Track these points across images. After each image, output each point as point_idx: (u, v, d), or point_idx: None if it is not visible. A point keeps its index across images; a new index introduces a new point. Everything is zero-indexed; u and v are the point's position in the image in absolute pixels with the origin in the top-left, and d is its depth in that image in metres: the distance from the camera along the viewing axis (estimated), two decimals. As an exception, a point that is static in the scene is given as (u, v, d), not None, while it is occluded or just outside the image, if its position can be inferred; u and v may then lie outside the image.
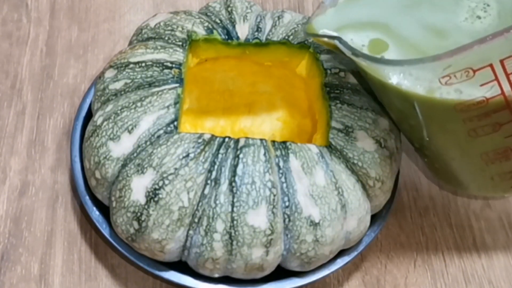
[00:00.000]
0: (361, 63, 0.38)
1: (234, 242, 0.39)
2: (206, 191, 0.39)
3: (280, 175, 0.40)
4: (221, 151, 0.40)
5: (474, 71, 0.34)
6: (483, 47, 0.32)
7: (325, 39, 0.39)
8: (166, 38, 0.45)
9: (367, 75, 0.40)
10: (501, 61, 0.34)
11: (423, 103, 0.38)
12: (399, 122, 0.43)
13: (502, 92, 0.35)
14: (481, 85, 0.35)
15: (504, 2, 0.41)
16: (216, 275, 0.41)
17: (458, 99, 0.36)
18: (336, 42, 0.38)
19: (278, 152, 0.40)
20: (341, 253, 0.44)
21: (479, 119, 0.37)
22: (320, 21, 0.41)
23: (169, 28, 0.46)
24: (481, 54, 0.33)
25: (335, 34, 0.39)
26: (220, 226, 0.39)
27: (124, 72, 0.43)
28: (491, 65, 0.34)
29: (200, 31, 0.46)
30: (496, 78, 0.35)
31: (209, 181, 0.39)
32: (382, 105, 0.44)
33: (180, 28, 0.46)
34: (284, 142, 0.41)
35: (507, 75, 0.35)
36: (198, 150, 0.39)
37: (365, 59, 0.37)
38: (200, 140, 0.40)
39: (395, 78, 0.37)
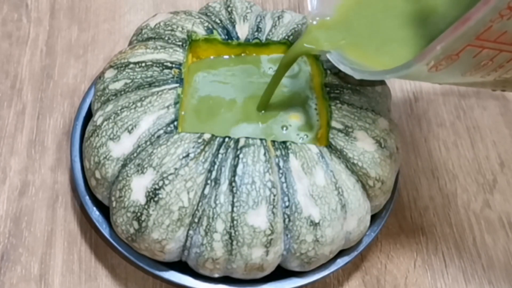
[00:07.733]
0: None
1: (234, 242, 0.39)
2: (206, 191, 0.39)
3: (280, 175, 0.40)
4: (221, 151, 0.40)
5: (457, 54, 0.32)
6: (445, 44, 0.31)
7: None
8: (166, 38, 0.45)
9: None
10: (478, 38, 0.31)
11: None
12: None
13: (501, 51, 0.33)
14: (474, 56, 0.33)
15: None
16: (216, 275, 0.41)
17: (464, 69, 0.34)
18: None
19: (278, 152, 0.40)
20: (341, 253, 0.44)
21: (508, 64, 0.34)
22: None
23: (169, 28, 0.46)
24: (450, 45, 0.31)
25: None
26: (220, 226, 0.39)
27: (124, 72, 0.43)
28: (469, 45, 0.32)
29: (200, 31, 0.46)
30: (485, 48, 0.32)
31: (209, 181, 0.39)
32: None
33: (180, 28, 0.46)
34: (284, 142, 0.41)
35: (495, 42, 0.32)
36: (198, 150, 0.39)
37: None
38: (200, 140, 0.40)
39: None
